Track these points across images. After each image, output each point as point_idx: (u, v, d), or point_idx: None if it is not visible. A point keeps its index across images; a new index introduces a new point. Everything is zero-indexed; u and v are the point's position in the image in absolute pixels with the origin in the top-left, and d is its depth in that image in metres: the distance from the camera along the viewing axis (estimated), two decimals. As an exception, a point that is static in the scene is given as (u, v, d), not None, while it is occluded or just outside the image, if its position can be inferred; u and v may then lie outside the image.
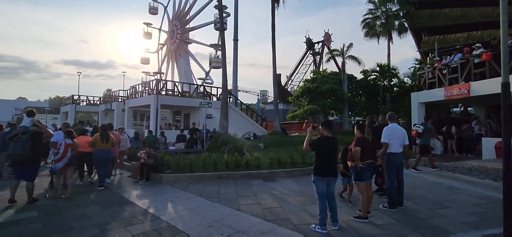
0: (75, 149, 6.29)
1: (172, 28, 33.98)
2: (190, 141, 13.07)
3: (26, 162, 5.40)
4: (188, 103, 19.19)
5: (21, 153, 5.32)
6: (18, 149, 5.34)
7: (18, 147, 5.35)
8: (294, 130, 23.83)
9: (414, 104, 14.23)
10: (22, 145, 5.35)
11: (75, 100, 30.03)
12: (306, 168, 8.56)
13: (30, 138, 5.45)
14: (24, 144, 5.36)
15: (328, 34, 41.62)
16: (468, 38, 19.66)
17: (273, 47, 17.66)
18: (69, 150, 6.03)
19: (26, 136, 5.48)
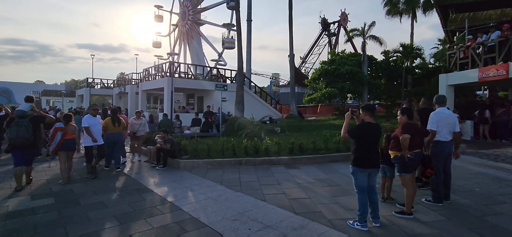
0: (68, 133, 6.04)
1: (184, 9, 33.24)
2: (206, 125, 12.74)
3: (27, 146, 5.37)
4: (202, 86, 18.81)
5: (26, 136, 5.28)
6: (23, 132, 5.26)
7: (23, 130, 5.26)
8: (310, 113, 23.21)
9: (443, 86, 13.31)
10: (26, 129, 5.29)
11: (90, 83, 30.22)
12: (329, 154, 8.09)
13: (30, 122, 5.45)
14: (27, 128, 5.31)
15: (345, 14, 39.79)
16: (502, 15, 18.02)
17: (290, 27, 16.83)
18: (58, 134, 5.89)
19: (26, 120, 5.42)
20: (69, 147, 6.08)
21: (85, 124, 6.52)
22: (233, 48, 25.82)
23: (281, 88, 37.22)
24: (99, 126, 6.81)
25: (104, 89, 32.14)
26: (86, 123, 6.55)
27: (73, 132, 6.21)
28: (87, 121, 6.60)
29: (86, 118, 6.69)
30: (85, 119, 6.65)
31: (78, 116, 10.10)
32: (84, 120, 6.66)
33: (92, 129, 6.57)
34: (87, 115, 6.85)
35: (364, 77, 17.19)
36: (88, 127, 6.53)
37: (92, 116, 6.76)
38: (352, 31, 18.68)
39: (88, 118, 6.70)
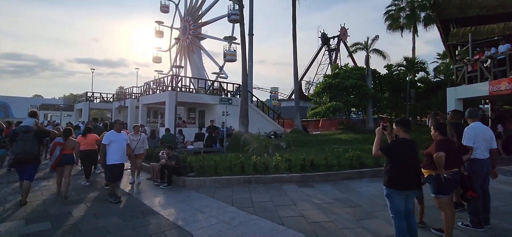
0: (67, 148, 6.08)
1: (184, 24, 33.42)
2: (209, 139, 12.33)
3: (31, 160, 5.37)
4: (204, 100, 18.48)
5: (32, 151, 5.31)
6: (29, 147, 5.28)
7: (29, 145, 5.28)
8: (313, 127, 22.86)
9: (451, 100, 13.05)
10: (32, 144, 5.33)
11: (89, 97, 29.86)
12: (343, 171, 7.68)
13: (35, 137, 5.45)
14: (33, 143, 5.35)
15: (344, 29, 40.16)
16: (505, 29, 18.09)
17: (294, 41, 16.69)
18: (57, 149, 5.94)
19: (31, 134, 5.42)
20: (67, 161, 6.07)
21: (104, 142, 5.85)
22: (235, 61, 25.74)
23: (282, 102, 36.99)
24: (123, 143, 6.11)
25: (103, 103, 31.77)
26: (106, 140, 5.87)
27: (72, 147, 6.23)
28: (108, 138, 5.90)
29: (107, 135, 5.99)
30: (107, 136, 5.96)
31: (78, 131, 9.74)
32: (105, 137, 5.96)
33: (114, 146, 5.84)
34: (111, 131, 6.13)
35: (368, 90, 16.98)
36: (106, 145, 5.82)
37: (117, 132, 6.05)
38: (355, 45, 18.62)
39: (110, 134, 5.99)
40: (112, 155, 5.83)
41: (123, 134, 6.29)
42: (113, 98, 31.36)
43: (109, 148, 5.83)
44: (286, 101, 35.28)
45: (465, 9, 20.69)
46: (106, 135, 6.01)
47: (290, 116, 28.77)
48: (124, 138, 6.24)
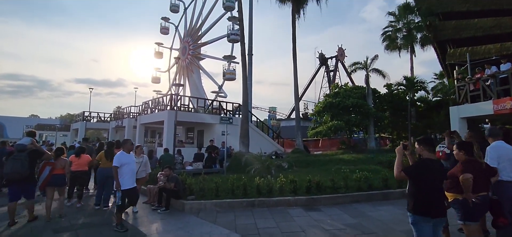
0: (57, 168, 5.93)
1: (184, 45, 33.72)
2: (209, 160, 11.94)
3: (23, 180, 5.26)
4: (202, 120, 18.19)
5: (20, 171, 5.18)
6: (18, 167, 5.18)
7: (18, 165, 5.20)
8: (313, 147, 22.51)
9: (454, 119, 12.86)
10: (21, 164, 5.22)
11: (86, 117, 29.49)
12: (351, 193, 7.30)
13: (28, 156, 5.35)
14: (23, 162, 5.24)
15: (342, 49, 40.77)
16: (502, 49, 18.38)
17: (294, 60, 16.71)
18: (47, 169, 5.80)
19: (24, 154, 5.34)
20: (57, 182, 5.93)
21: (116, 164, 5.23)
22: (234, 80, 25.72)
23: (282, 121, 36.80)
24: (133, 165, 5.59)
25: (101, 123, 31.38)
26: (117, 162, 5.24)
27: (63, 166, 6.06)
28: (119, 160, 5.26)
29: (118, 156, 5.34)
30: (117, 157, 5.32)
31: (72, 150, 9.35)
32: (116, 158, 5.33)
33: (126, 169, 5.28)
34: (120, 152, 5.51)
35: (370, 109, 16.84)
36: (118, 167, 5.20)
37: (127, 153, 5.49)
38: (355, 64, 18.70)
39: (121, 156, 5.36)
40: (125, 178, 5.23)
41: (132, 155, 5.80)
42: (111, 118, 31.02)
43: (121, 171, 5.22)
44: (285, 121, 35.09)
45: (461, 30, 21.09)
46: (117, 157, 5.35)
47: (290, 135, 28.49)
48: (134, 159, 5.80)
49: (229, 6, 28.62)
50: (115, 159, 5.33)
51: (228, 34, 25.96)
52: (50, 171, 5.77)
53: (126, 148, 5.55)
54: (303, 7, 16.47)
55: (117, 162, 5.24)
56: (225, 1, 28.83)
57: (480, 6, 19.85)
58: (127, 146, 5.60)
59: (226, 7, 28.91)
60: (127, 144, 5.64)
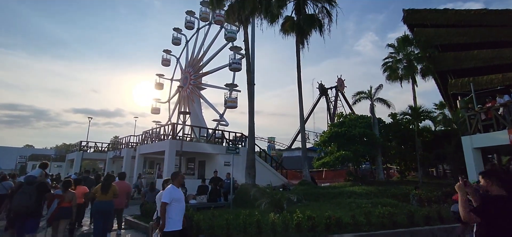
0: (65, 201, 5.85)
1: (185, 75, 34.01)
2: (214, 193, 11.23)
3: (29, 214, 5.17)
4: (205, 150, 17.62)
5: (27, 205, 5.12)
6: (26, 200, 5.12)
7: (26, 198, 5.14)
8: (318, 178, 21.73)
9: (468, 150, 12.46)
10: (29, 197, 5.16)
11: (83, 147, 28.71)
12: (375, 232, 6.66)
13: (36, 189, 5.29)
14: (31, 195, 5.18)
15: (341, 80, 41.31)
16: (504, 80, 18.47)
17: (299, 89, 16.56)
18: (55, 202, 5.76)
19: (32, 187, 5.28)
20: (64, 215, 5.85)
21: (165, 199, 4.43)
22: (235, 108, 25.56)
23: (284, 152, 36.15)
24: (183, 202, 4.83)
25: (98, 153, 30.57)
26: (167, 197, 4.44)
27: (70, 199, 5.95)
28: (170, 195, 4.49)
29: (169, 191, 4.55)
30: (167, 192, 4.54)
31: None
32: (165, 193, 4.56)
33: (177, 207, 4.54)
34: (171, 186, 4.67)
35: (377, 139, 16.46)
36: (168, 204, 4.45)
37: (177, 188, 4.71)
38: (359, 93, 18.61)
39: (172, 190, 4.57)
40: (174, 218, 4.46)
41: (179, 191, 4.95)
42: (108, 148, 30.27)
43: (170, 208, 4.45)
44: (288, 151, 34.49)
45: (461, 61, 21.35)
46: (168, 191, 4.55)
47: (293, 166, 27.77)
48: (183, 196, 4.97)
49: (230, 37, 29.28)
50: (166, 194, 4.54)
51: (230, 63, 26.23)
52: (58, 204, 5.73)
53: (177, 182, 4.77)
54: (307, 38, 16.61)
55: (167, 197, 4.44)
56: (227, 32, 29.54)
57: (478, 38, 20.28)
58: (178, 179, 4.81)
59: (227, 38, 29.57)
60: (178, 177, 4.84)
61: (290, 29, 16.73)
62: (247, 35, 13.70)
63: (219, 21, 31.84)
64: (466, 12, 21.16)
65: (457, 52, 21.51)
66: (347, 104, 41.34)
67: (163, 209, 4.43)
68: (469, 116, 13.32)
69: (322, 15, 16.94)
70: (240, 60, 27.05)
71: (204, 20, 34.25)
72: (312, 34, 17.22)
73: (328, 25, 16.65)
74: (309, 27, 16.11)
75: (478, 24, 20.37)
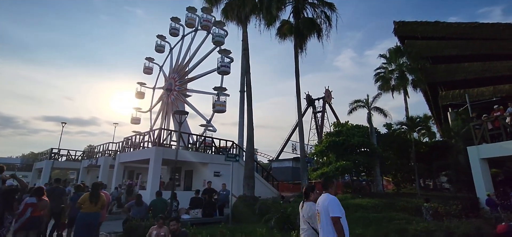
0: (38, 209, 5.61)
1: (170, 81, 32.37)
2: (209, 206, 9.86)
3: None
4: (195, 159, 16.16)
5: None
6: None
7: None
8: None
9: (474, 161, 11.99)
10: None
11: (53, 155, 26.02)
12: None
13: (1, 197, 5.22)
14: None
15: (329, 91, 41.26)
16: (495, 92, 18.73)
17: (297, 97, 15.70)
18: (29, 210, 5.48)
19: None
20: (35, 225, 5.60)
21: (338, 213, 3.57)
22: (224, 112, 24.33)
23: (273, 162, 35.02)
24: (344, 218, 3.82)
25: (70, 162, 27.88)
26: (339, 210, 3.59)
27: (43, 208, 5.77)
28: (340, 206, 3.69)
29: (337, 202, 3.69)
30: (337, 204, 3.66)
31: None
32: (337, 205, 3.64)
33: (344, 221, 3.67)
34: (334, 197, 3.79)
35: (376, 149, 15.81)
36: (341, 218, 3.60)
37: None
38: (356, 102, 18.04)
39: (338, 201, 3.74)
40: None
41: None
42: (82, 157, 27.75)
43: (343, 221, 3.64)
44: (277, 162, 33.40)
45: (452, 73, 21.58)
46: (337, 203, 3.67)
47: (282, 177, 26.69)
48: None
49: (218, 41, 28.22)
50: (337, 205, 3.65)
51: (218, 66, 25.17)
52: (31, 212, 5.45)
53: (333, 190, 3.95)
54: (305, 43, 15.91)
55: (339, 210, 3.60)
56: (215, 36, 28.49)
57: (469, 50, 20.65)
58: (334, 188, 4.01)
59: (215, 42, 28.47)
60: (334, 186, 4.04)
61: (288, 33, 15.97)
62: (246, 33, 12.73)
63: (206, 26, 30.81)
64: (457, 25, 21.57)
65: (448, 64, 21.80)
66: (334, 115, 41.30)
67: (337, 223, 3.51)
68: (474, 125, 12.97)
69: (320, 20, 16.35)
70: (229, 64, 26.01)
71: (190, 26, 32.92)
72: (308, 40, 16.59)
73: (327, 31, 16.07)
74: (309, 31, 15.42)
75: (469, 37, 20.79)
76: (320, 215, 3.69)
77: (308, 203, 4.12)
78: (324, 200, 3.71)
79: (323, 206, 3.66)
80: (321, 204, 3.72)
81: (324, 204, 3.67)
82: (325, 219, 3.61)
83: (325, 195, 3.75)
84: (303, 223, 4.12)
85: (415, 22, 23.36)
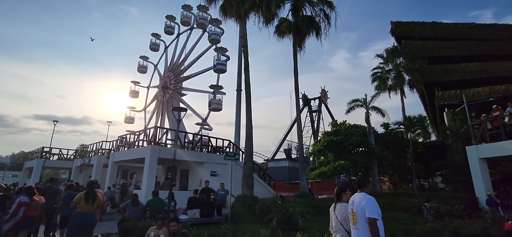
0: (31, 209, 5.50)
1: (165, 80, 31.92)
2: (207, 206, 9.59)
3: None
4: (192, 158, 15.85)
5: None
6: None
7: None
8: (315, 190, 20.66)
9: (473, 160, 11.96)
10: None
11: (45, 154, 25.38)
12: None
13: None
14: None
15: (324, 91, 41.28)
16: (491, 92, 18.84)
17: (296, 95, 15.45)
18: (22, 209, 5.37)
19: None
20: (28, 225, 5.49)
21: (375, 214, 3.35)
22: (220, 110, 24.07)
23: (269, 162, 34.82)
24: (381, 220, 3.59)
25: (62, 161, 27.26)
26: (376, 212, 3.37)
27: (36, 208, 5.64)
28: (378, 207, 3.44)
29: (375, 203, 3.45)
30: (375, 205, 3.43)
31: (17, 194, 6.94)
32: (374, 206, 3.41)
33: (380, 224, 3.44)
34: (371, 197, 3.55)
35: (374, 149, 15.75)
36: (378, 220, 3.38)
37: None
38: (354, 101, 17.99)
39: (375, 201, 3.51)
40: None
41: None
42: (74, 156, 27.15)
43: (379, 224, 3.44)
44: (273, 161, 33.20)
45: (449, 74, 21.65)
46: (375, 204, 3.43)
47: (278, 177, 26.53)
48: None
49: (214, 39, 27.94)
50: (375, 206, 3.41)
51: (215, 64, 24.88)
52: (24, 212, 5.35)
53: (369, 190, 3.72)
54: (304, 41, 15.72)
55: (377, 211, 3.37)
56: (211, 34, 28.19)
57: (466, 51, 20.74)
58: (370, 187, 3.81)
59: (211, 40, 28.17)
60: (370, 184, 3.85)
61: (287, 31, 15.77)
62: (245, 30, 12.47)
63: (202, 24, 30.49)
64: (454, 25, 21.65)
65: (444, 65, 21.88)
66: (330, 115, 41.32)
67: (374, 225, 3.32)
68: (473, 125, 12.96)
69: (319, 18, 16.19)
70: (225, 62, 25.74)
71: (186, 24, 32.48)
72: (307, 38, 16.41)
73: (325, 29, 15.91)
74: (308, 29, 15.24)
75: (466, 38, 20.88)
76: (356, 215, 3.47)
77: (341, 204, 3.95)
78: (361, 199, 3.49)
79: (360, 206, 3.45)
80: (357, 203, 3.51)
81: (361, 204, 3.45)
82: (362, 220, 3.39)
83: (362, 195, 3.55)
84: (336, 225, 3.94)
85: (413, 22, 23.40)
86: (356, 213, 3.47)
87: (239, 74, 24.78)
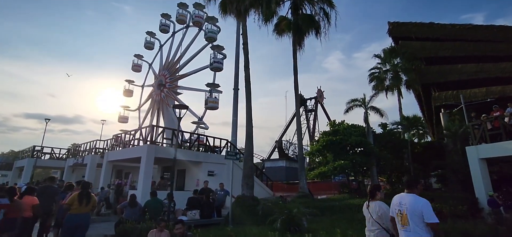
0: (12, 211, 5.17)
1: (160, 78, 31.46)
2: (207, 207, 9.33)
3: None
4: (189, 157, 15.54)
5: None
6: None
7: None
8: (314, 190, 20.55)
9: (473, 161, 11.94)
10: None
11: (36, 153, 24.70)
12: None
13: None
14: None
15: (321, 91, 41.28)
16: (488, 93, 18.97)
17: (296, 94, 15.29)
18: (1, 212, 5.08)
19: None
20: (9, 228, 5.07)
21: (435, 219, 3.20)
22: (216, 109, 23.79)
23: (266, 162, 34.62)
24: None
25: (54, 160, 26.60)
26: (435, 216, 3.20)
27: (18, 210, 5.32)
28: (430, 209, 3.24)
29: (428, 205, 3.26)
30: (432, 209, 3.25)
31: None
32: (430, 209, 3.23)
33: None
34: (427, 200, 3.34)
35: (373, 149, 15.68)
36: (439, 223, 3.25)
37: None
38: (353, 101, 17.90)
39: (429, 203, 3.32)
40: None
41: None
42: (67, 155, 26.50)
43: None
44: (270, 161, 33.02)
45: (446, 74, 21.76)
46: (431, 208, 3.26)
47: (275, 177, 26.35)
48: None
49: (211, 37, 27.66)
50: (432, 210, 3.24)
51: (211, 63, 24.59)
52: (4, 214, 5.06)
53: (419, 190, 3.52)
54: (304, 39, 15.56)
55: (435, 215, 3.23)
56: (207, 32, 27.87)
57: (463, 52, 20.86)
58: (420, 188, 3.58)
59: (208, 38, 27.87)
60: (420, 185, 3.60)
61: (286, 29, 15.58)
62: (246, 27, 12.25)
63: (198, 22, 30.14)
64: (451, 26, 21.76)
65: (441, 66, 21.98)
66: (325, 115, 41.37)
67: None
68: (473, 125, 12.96)
69: (319, 17, 16.04)
70: (222, 60, 25.47)
71: (181, 22, 32.06)
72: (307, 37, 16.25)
73: (325, 28, 15.77)
74: (307, 28, 15.09)
75: (463, 39, 21.01)
76: (407, 217, 3.31)
77: (376, 202, 3.89)
78: (415, 201, 3.31)
79: (414, 209, 3.27)
80: (408, 204, 3.33)
81: (415, 207, 3.27)
82: (415, 222, 3.24)
83: (412, 196, 3.39)
84: (371, 223, 3.86)
85: (410, 23, 23.47)
86: (407, 215, 3.31)
87: (236, 73, 24.62)
